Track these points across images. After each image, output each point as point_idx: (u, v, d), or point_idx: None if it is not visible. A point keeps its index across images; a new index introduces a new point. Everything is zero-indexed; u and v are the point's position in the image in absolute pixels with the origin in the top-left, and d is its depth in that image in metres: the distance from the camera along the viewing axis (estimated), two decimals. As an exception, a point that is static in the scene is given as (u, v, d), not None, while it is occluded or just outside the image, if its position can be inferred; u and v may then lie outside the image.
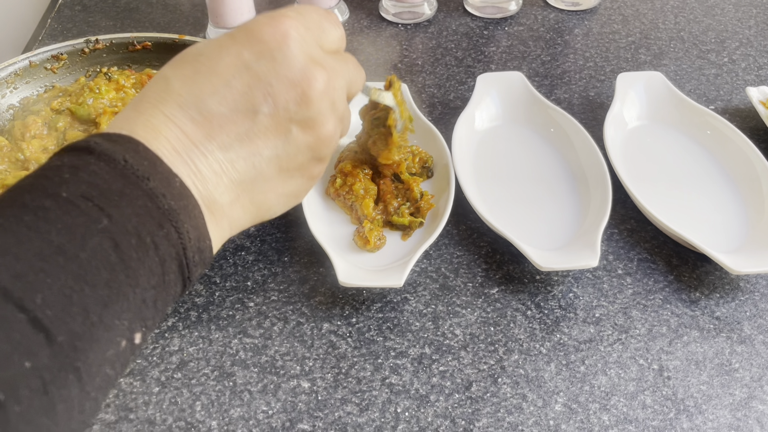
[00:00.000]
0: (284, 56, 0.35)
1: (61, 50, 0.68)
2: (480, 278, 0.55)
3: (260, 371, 0.49)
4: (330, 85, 0.37)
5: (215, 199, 0.35)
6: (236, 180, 0.36)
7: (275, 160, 0.37)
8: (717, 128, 0.65)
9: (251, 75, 0.35)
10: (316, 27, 0.38)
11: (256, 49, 0.35)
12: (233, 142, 0.35)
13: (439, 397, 0.48)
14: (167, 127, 0.33)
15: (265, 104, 0.35)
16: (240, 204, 0.36)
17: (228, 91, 0.34)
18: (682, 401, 0.47)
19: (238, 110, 0.35)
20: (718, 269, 0.56)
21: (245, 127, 0.35)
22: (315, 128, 0.37)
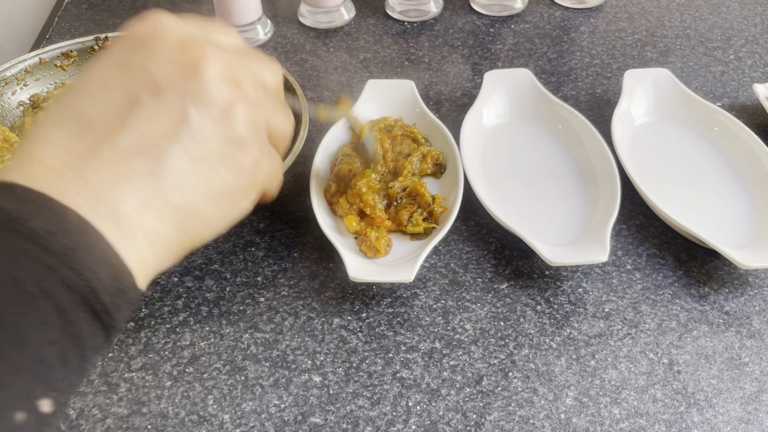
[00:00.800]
0: (159, 42, 0.32)
1: (71, 47, 0.68)
2: (489, 274, 0.55)
3: (272, 365, 0.49)
4: (222, 59, 0.33)
5: (115, 209, 0.29)
6: (137, 180, 0.30)
7: (181, 148, 0.31)
8: (724, 125, 0.65)
9: (127, 70, 0.31)
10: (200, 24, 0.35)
11: (128, 44, 0.32)
12: (124, 141, 0.30)
13: (450, 391, 0.48)
14: (44, 151, 0.29)
15: (147, 90, 0.31)
16: (152, 209, 0.30)
17: (105, 94, 0.31)
18: (692, 395, 0.48)
19: (120, 108, 0.31)
20: (727, 264, 0.56)
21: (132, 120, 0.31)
22: (215, 103, 0.32)
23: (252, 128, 0.34)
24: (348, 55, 0.79)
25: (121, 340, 0.50)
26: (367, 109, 0.66)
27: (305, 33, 0.82)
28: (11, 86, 0.66)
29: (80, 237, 0.27)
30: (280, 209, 0.60)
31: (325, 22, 0.83)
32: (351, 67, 0.77)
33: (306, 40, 0.81)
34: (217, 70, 0.32)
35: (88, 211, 0.28)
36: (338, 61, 0.78)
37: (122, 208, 0.29)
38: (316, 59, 0.78)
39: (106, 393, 0.47)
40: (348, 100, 0.61)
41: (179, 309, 0.53)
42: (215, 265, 0.56)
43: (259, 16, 0.79)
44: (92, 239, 0.28)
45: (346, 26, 0.84)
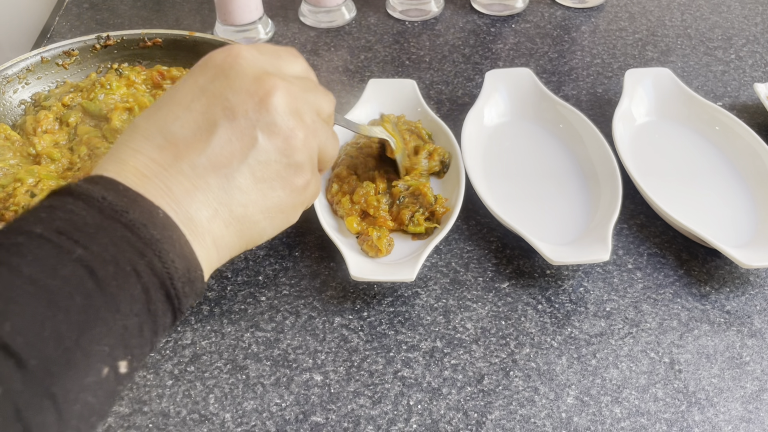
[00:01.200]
0: (236, 72, 0.37)
1: (72, 46, 0.68)
2: (490, 273, 0.55)
3: (273, 364, 0.49)
4: (290, 94, 0.37)
5: (191, 216, 0.35)
6: (210, 194, 0.36)
7: (248, 169, 0.36)
8: (725, 124, 0.65)
9: (208, 95, 0.36)
10: (272, 54, 0.39)
11: (210, 73, 0.37)
12: (201, 159, 0.35)
13: (451, 390, 0.48)
14: (134, 158, 0.34)
15: (224, 117, 0.36)
16: (220, 219, 0.36)
17: (188, 114, 0.36)
18: (693, 394, 0.48)
19: (200, 129, 0.36)
20: (728, 263, 0.56)
21: (210, 142, 0.36)
22: (281, 133, 0.37)
23: (307, 154, 0.39)
24: (349, 55, 0.79)
25: (123, 339, 0.50)
26: (369, 109, 0.66)
27: (306, 32, 0.82)
28: (13, 84, 0.66)
29: (166, 231, 0.32)
30: (281, 208, 0.60)
31: (326, 22, 0.83)
32: (352, 67, 0.77)
33: (307, 40, 0.81)
34: (283, 102, 0.37)
35: (172, 213, 0.34)
36: (339, 61, 0.78)
37: (197, 216, 0.35)
38: (316, 59, 0.78)
39: (107, 392, 0.47)
40: (390, 119, 0.62)
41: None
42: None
43: (260, 15, 0.79)
44: (175, 235, 0.33)
45: (346, 26, 0.84)
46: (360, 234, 0.55)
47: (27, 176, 0.58)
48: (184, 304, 0.34)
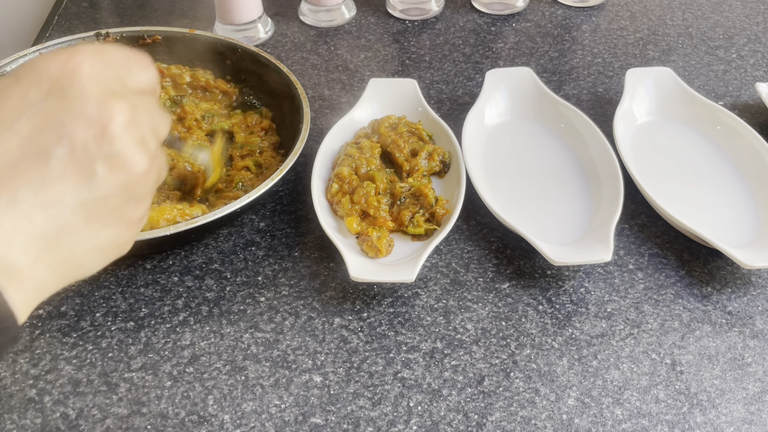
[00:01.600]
0: (77, 92, 0.31)
1: (71, 43, 0.68)
2: (491, 273, 0.55)
3: (272, 365, 0.49)
4: (135, 120, 0.33)
5: (11, 262, 0.30)
6: (35, 235, 0.30)
7: (81, 207, 0.31)
8: (727, 124, 0.64)
9: (39, 116, 0.30)
10: (119, 66, 0.34)
11: (44, 87, 0.31)
12: (26, 193, 0.30)
13: (451, 392, 0.47)
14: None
15: (59, 146, 0.30)
16: (45, 263, 0.31)
17: (13, 138, 0.30)
18: (695, 395, 0.47)
19: (26, 156, 0.30)
20: (730, 264, 0.56)
21: (38, 173, 0.30)
22: (124, 166, 0.32)
23: (149, 185, 0.35)
24: (349, 54, 0.79)
25: (121, 340, 0.50)
26: (370, 109, 0.66)
27: (306, 31, 0.82)
28: None
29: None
30: (280, 209, 0.60)
31: (326, 21, 0.83)
32: (352, 66, 0.77)
33: (306, 39, 0.81)
34: (128, 131, 0.32)
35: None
36: (339, 60, 0.78)
37: (17, 261, 0.30)
38: (316, 58, 0.78)
39: (105, 393, 0.47)
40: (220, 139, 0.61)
41: (179, 308, 0.52)
42: (215, 265, 0.56)
43: (259, 14, 0.79)
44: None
45: (346, 25, 0.83)
46: (360, 234, 0.55)
47: None
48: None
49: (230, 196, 0.57)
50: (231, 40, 0.68)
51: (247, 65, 0.68)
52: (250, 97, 0.69)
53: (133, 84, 0.34)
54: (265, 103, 0.68)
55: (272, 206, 0.60)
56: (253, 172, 0.61)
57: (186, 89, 0.68)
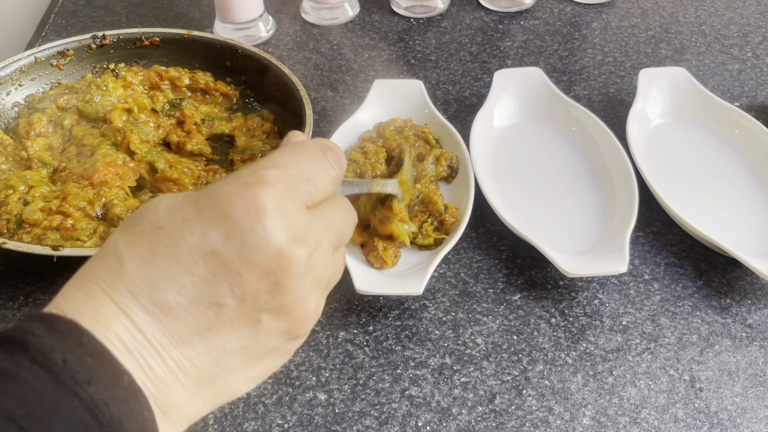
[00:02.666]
0: (257, 238, 0.30)
1: (67, 46, 0.66)
2: (501, 284, 0.53)
3: (275, 382, 0.47)
4: (312, 261, 0.32)
5: (170, 400, 0.30)
6: (195, 377, 0.31)
7: (242, 351, 0.31)
8: (745, 127, 0.62)
9: (216, 261, 0.30)
10: (302, 183, 0.33)
11: (225, 228, 0.30)
12: (192, 336, 0.30)
13: (461, 410, 0.46)
14: (118, 320, 0.29)
15: (232, 296, 0.30)
16: (200, 400, 0.31)
17: (188, 279, 0.30)
18: (715, 414, 0.45)
19: (199, 302, 0.30)
20: (749, 274, 0.54)
21: (207, 320, 0.30)
22: (291, 314, 0.32)
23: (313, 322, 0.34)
24: (352, 54, 0.76)
25: (118, 355, 0.48)
26: (375, 111, 0.64)
27: (308, 30, 0.80)
28: (6, 86, 0.64)
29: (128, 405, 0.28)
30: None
31: (329, 19, 0.81)
32: (356, 66, 0.74)
33: (309, 38, 0.79)
34: (303, 280, 0.31)
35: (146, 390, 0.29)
36: (342, 60, 0.75)
37: (175, 399, 0.30)
38: (319, 57, 0.76)
39: (101, 411, 0.45)
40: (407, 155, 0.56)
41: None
42: None
43: (260, 12, 0.77)
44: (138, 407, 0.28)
45: (350, 23, 0.81)
46: (365, 244, 0.53)
47: (19, 183, 0.55)
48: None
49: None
50: (230, 41, 0.66)
51: (248, 66, 0.66)
52: (251, 99, 0.67)
53: (317, 194, 0.34)
54: (266, 105, 0.66)
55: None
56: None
57: (185, 92, 0.66)
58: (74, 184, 0.55)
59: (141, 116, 0.62)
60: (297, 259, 0.31)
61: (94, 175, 0.55)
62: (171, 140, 0.61)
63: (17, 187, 0.55)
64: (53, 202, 0.53)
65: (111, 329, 0.29)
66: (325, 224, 0.33)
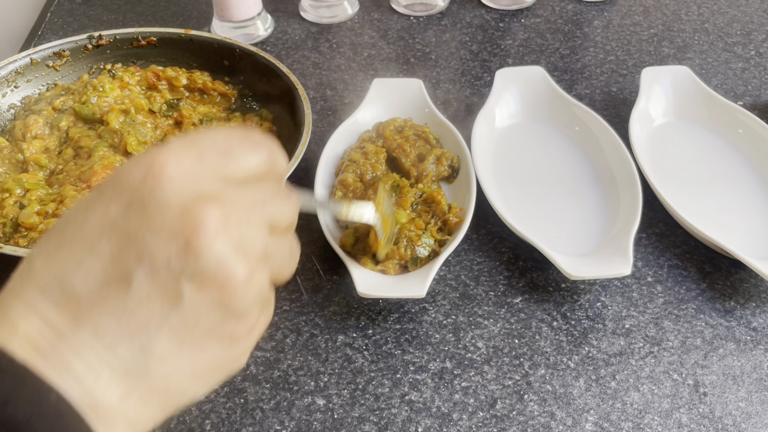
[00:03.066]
0: (157, 202, 0.27)
1: (63, 47, 0.65)
2: (502, 286, 0.53)
3: (272, 387, 0.46)
4: (229, 221, 0.28)
5: (98, 399, 0.27)
6: (121, 370, 0.28)
7: (169, 333, 0.28)
8: (749, 126, 0.61)
9: (119, 234, 0.28)
10: (217, 155, 0.30)
11: (125, 200, 0.28)
12: (108, 322, 0.27)
13: (462, 416, 0.45)
14: (26, 320, 0.27)
15: (140, 267, 0.27)
16: (136, 397, 0.28)
17: (94, 260, 0.27)
18: (720, 419, 0.45)
19: (108, 282, 0.27)
20: (754, 276, 0.53)
21: (120, 300, 0.27)
22: (215, 280, 0.28)
23: (252, 296, 0.30)
24: (352, 52, 0.76)
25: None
26: (374, 110, 0.63)
27: (307, 28, 0.79)
28: (2, 88, 0.63)
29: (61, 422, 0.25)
30: (281, 217, 0.57)
31: (328, 17, 0.80)
32: (355, 65, 0.74)
33: (308, 36, 0.78)
34: (218, 239, 0.28)
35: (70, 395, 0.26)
36: (341, 59, 0.75)
37: (104, 398, 0.27)
38: (318, 56, 0.75)
39: (97, 417, 0.45)
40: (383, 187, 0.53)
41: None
42: None
43: (258, 11, 0.76)
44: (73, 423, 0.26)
45: (349, 21, 0.80)
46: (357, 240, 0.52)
47: (15, 186, 0.55)
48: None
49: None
50: (228, 40, 0.66)
51: (246, 66, 0.65)
52: (249, 99, 0.66)
53: (237, 172, 0.30)
54: (264, 105, 0.65)
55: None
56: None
57: (183, 92, 0.65)
58: (71, 187, 0.54)
59: (138, 117, 0.61)
60: (206, 214, 0.28)
61: (92, 178, 0.54)
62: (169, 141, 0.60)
63: (13, 191, 0.55)
64: (50, 205, 0.53)
65: (19, 331, 0.27)
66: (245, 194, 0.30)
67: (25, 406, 0.24)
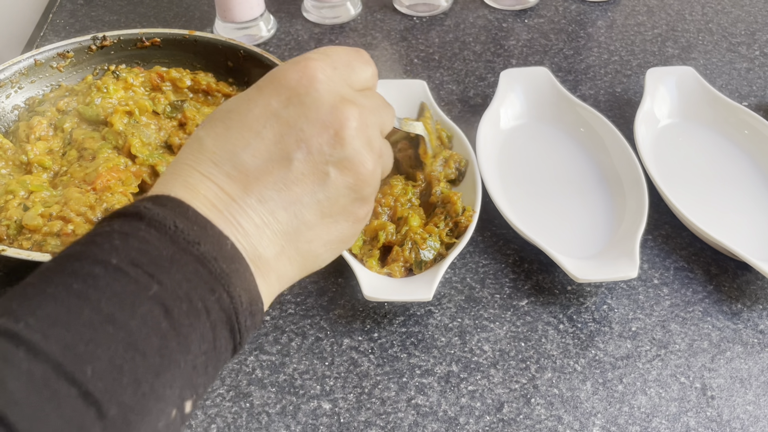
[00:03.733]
0: (313, 99, 0.35)
1: (67, 48, 0.65)
2: (508, 289, 0.52)
3: (278, 391, 0.46)
4: (363, 122, 0.36)
5: (260, 254, 0.33)
6: (279, 231, 0.34)
7: (316, 205, 0.35)
8: (755, 128, 0.61)
9: (281, 123, 0.34)
10: (344, 66, 0.37)
11: (284, 96, 0.35)
12: (271, 192, 0.34)
13: (468, 420, 0.45)
14: (205, 186, 0.33)
15: (299, 150, 0.34)
16: (286, 255, 0.35)
17: (260, 142, 0.34)
18: (728, 423, 0.45)
19: (272, 160, 0.34)
20: (760, 278, 0.53)
21: (281, 175, 0.34)
22: (353, 168, 0.35)
23: (374, 185, 0.37)
24: (355, 53, 0.75)
25: (119, 364, 0.47)
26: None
27: (309, 29, 0.79)
28: (5, 89, 0.63)
29: (233, 264, 0.32)
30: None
31: (331, 18, 0.80)
32: (358, 66, 0.73)
33: (311, 37, 0.78)
34: (357, 134, 0.35)
35: (240, 247, 0.33)
36: (345, 59, 0.74)
37: (265, 253, 0.34)
38: (321, 57, 0.75)
39: (102, 422, 0.45)
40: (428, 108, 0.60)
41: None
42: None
43: (261, 11, 0.76)
44: (242, 268, 0.32)
45: (352, 22, 0.80)
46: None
47: (19, 188, 0.55)
48: (245, 338, 0.33)
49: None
50: (232, 41, 0.65)
51: (250, 67, 0.65)
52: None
53: (358, 82, 0.38)
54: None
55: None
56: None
57: (187, 93, 0.65)
58: (75, 189, 0.54)
59: (142, 119, 0.61)
60: (349, 113, 0.35)
61: (97, 180, 0.54)
62: (173, 143, 0.60)
63: (17, 192, 0.54)
64: (54, 207, 0.53)
65: (200, 193, 0.33)
66: (368, 101, 0.37)
67: (212, 247, 0.31)
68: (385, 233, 0.52)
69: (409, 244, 0.51)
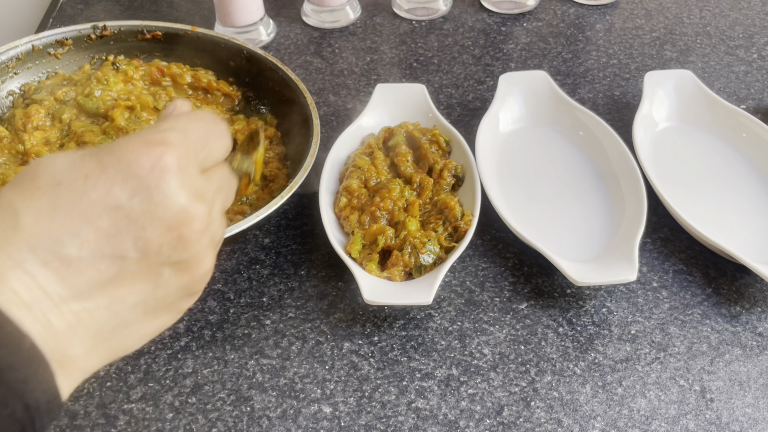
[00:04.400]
0: (162, 196, 0.31)
1: (66, 35, 0.64)
2: (507, 292, 0.52)
3: (279, 395, 0.46)
4: (210, 219, 0.33)
5: (68, 353, 0.30)
6: (93, 330, 0.31)
7: (141, 305, 0.32)
8: (753, 131, 0.61)
9: (121, 215, 0.30)
10: (200, 147, 0.34)
11: (131, 185, 0.30)
12: (93, 289, 0.30)
13: (469, 423, 0.45)
14: (15, 275, 0.28)
15: (134, 249, 0.30)
16: (96, 353, 0.31)
17: (91, 233, 0.30)
18: (727, 426, 0.45)
19: (101, 255, 0.30)
20: (759, 281, 0.53)
21: (109, 273, 0.30)
22: (190, 269, 0.33)
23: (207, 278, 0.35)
24: (354, 57, 0.76)
25: (120, 368, 0.48)
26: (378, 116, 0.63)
27: (309, 33, 0.79)
28: (1, 74, 0.62)
29: (32, 368, 0.28)
30: (285, 223, 0.57)
31: (330, 22, 0.80)
32: (357, 70, 0.74)
33: (310, 41, 0.78)
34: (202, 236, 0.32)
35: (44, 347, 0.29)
36: (344, 63, 0.75)
37: (72, 353, 0.30)
38: (320, 61, 0.75)
39: (104, 426, 0.45)
40: None
41: (180, 333, 0.50)
42: (218, 285, 0.53)
43: (261, 16, 0.76)
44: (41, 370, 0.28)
45: (351, 26, 0.80)
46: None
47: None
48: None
49: (234, 210, 0.55)
50: (235, 40, 0.65)
51: (252, 68, 0.65)
52: (255, 102, 0.66)
53: (210, 160, 0.35)
54: (269, 108, 0.65)
55: (277, 221, 0.58)
56: (257, 185, 0.58)
57: (186, 90, 0.65)
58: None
59: (143, 114, 0.61)
60: (198, 215, 0.32)
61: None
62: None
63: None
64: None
65: (7, 284, 0.28)
66: (216, 186, 0.35)
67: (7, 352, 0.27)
68: (385, 237, 0.52)
69: (409, 248, 0.51)
